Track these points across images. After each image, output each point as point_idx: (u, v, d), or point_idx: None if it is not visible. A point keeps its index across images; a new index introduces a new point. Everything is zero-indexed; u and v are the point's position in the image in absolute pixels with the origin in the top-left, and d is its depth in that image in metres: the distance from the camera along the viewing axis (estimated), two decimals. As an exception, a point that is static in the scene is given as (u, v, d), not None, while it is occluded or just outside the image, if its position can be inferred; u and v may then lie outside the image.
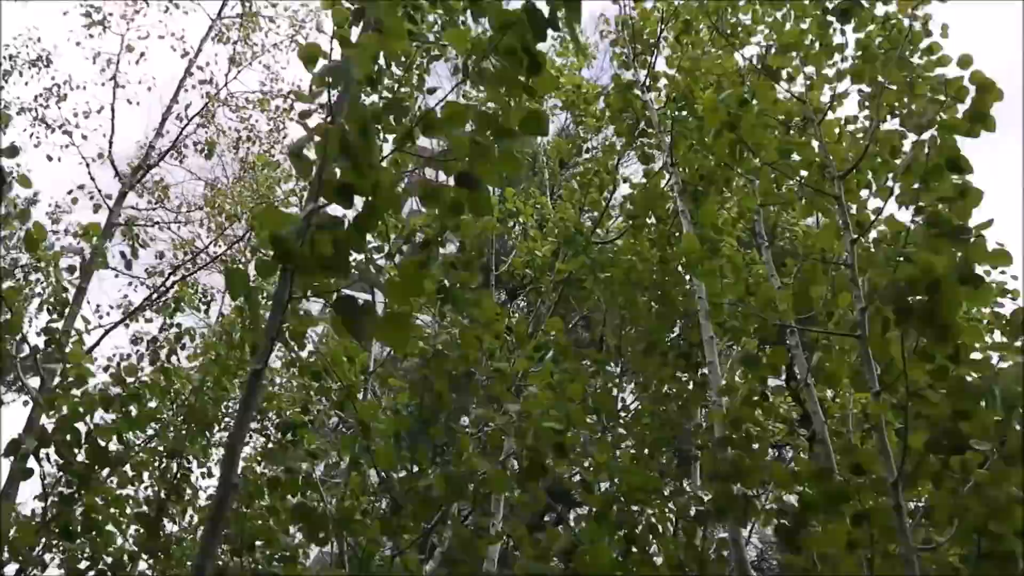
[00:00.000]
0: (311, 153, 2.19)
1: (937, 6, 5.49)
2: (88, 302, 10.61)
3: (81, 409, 4.83)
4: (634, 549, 4.24)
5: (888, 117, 4.96)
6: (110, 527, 4.94)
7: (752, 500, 4.15)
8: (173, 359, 7.02)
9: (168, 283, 12.26)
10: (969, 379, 3.28)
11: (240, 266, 8.75)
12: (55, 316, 6.02)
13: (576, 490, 5.30)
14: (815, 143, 4.79)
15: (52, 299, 6.11)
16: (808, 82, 5.19)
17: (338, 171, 2.14)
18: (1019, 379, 3.30)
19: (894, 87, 4.66)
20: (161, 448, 5.55)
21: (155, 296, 12.06)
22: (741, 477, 4.09)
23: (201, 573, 2.42)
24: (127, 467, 5.13)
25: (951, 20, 5.46)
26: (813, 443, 6.10)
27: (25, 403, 9.78)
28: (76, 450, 4.79)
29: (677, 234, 6.98)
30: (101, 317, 11.83)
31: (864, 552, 3.57)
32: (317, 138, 2.18)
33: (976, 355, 3.45)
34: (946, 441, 3.35)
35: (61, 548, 5.11)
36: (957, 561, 3.69)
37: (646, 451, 6.58)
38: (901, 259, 3.22)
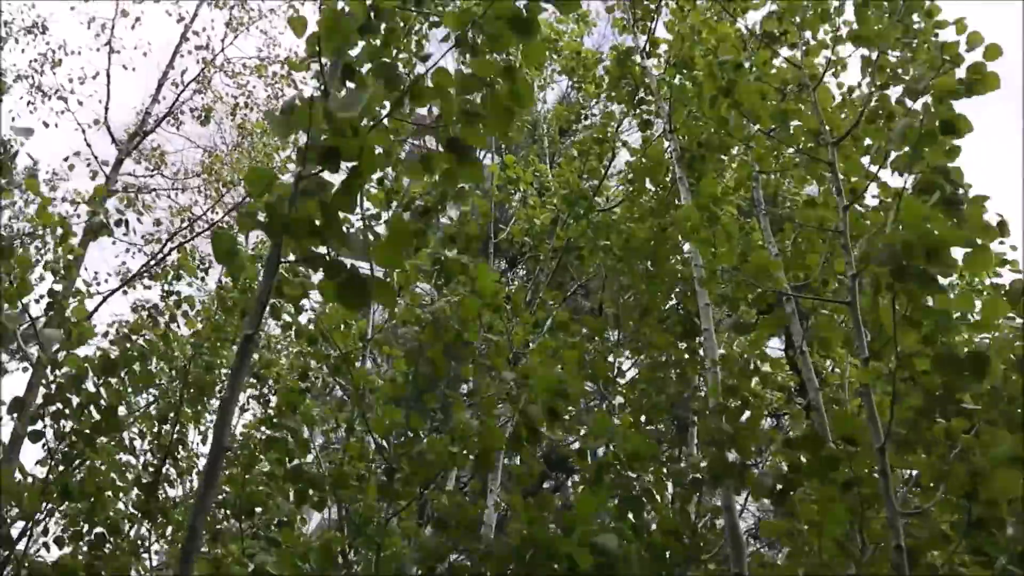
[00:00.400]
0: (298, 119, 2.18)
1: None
2: (86, 268, 10.63)
3: (85, 368, 4.84)
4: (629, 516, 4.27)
5: (891, 84, 4.90)
6: (108, 492, 4.98)
7: (748, 467, 4.18)
8: (173, 327, 7.05)
9: (166, 250, 12.29)
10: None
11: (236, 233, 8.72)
12: (59, 279, 6.01)
13: (572, 457, 5.34)
14: (811, 108, 4.74)
15: (58, 263, 6.08)
16: (804, 46, 5.13)
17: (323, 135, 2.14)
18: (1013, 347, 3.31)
19: (893, 51, 4.59)
20: (156, 413, 5.59)
21: (152, 263, 12.09)
22: (736, 444, 4.12)
23: (195, 531, 2.47)
24: (126, 433, 5.16)
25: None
26: (809, 411, 6.12)
27: (25, 370, 9.83)
28: (84, 409, 4.80)
29: (676, 201, 6.95)
30: (99, 284, 11.89)
31: (855, 520, 3.60)
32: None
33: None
34: (937, 408, 3.36)
35: (63, 513, 5.16)
36: (948, 528, 3.71)
37: (643, 418, 6.61)
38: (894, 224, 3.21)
